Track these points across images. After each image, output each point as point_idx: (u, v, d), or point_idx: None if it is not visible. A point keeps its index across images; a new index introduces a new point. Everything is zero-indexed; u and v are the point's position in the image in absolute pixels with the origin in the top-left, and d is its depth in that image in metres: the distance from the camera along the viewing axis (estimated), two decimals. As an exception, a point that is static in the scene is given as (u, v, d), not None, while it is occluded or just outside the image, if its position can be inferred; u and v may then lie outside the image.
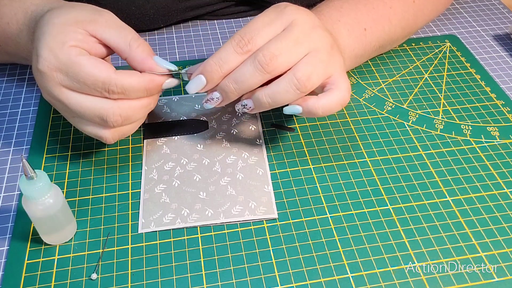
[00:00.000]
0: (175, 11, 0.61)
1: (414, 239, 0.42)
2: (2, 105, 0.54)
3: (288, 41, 0.41)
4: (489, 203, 0.44)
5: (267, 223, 0.43)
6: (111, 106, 0.41)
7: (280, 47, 0.41)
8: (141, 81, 0.41)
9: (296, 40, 0.42)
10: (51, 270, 0.40)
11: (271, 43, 0.41)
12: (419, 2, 0.56)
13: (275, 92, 0.42)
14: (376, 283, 0.39)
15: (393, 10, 0.54)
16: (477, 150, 0.49)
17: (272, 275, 0.39)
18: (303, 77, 0.41)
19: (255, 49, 0.42)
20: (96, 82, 0.40)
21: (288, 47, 0.41)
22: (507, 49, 0.61)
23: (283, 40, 0.41)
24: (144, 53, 0.42)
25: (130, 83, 0.41)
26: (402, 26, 0.56)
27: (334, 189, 0.45)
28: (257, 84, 0.42)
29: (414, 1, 0.55)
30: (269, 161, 0.48)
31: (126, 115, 0.42)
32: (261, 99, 0.42)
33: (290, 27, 0.42)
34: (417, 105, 0.54)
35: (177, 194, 0.45)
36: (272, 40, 0.41)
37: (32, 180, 0.37)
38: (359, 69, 0.58)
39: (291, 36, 0.42)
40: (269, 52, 0.41)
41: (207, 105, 0.44)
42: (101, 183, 0.46)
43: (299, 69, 0.41)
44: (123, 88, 0.40)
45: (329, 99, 0.43)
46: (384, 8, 0.53)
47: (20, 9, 0.47)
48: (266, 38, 0.42)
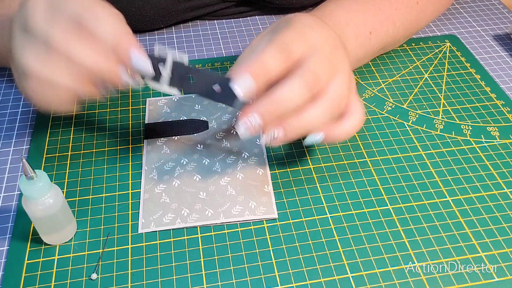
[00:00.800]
0: (175, 12, 0.61)
1: (414, 239, 0.42)
2: (2, 105, 0.54)
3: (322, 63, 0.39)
4: (489, 203, 0.44)
5: (267, 223, 0.43)
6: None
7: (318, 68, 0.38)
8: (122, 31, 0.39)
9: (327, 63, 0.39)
10: (51, 270, 0.40)
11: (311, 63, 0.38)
12: (422, 3, 0.56)
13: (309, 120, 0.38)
14: (376, 283, 0.39)
15: (397, 11, 0.54)
16: (477, 150, 0.49)
17: (272, 275, 0.39)
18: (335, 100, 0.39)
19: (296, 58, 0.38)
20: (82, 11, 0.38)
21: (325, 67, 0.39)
22: (507, 49, 0.61)
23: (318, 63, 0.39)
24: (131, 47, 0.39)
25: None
26: (405, 27, 0.56)
27: (334, 189, 0.45)
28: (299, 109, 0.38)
29: (418, 2, 0.55)
30: (269, 161, 0.48)
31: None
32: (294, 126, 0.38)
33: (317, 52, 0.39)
34: (417, 105, 0.54)
35: (177, 194, 0.45)
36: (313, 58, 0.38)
37: (32, 180, 0.37)
38: (359, 69, 0.58)
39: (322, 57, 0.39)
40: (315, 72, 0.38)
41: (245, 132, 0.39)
42: (101, 183, 0.46)
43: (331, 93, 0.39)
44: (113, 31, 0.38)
45: (351, 124, 0.41)
46: (390, 9, 0.53)
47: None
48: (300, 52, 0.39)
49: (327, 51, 0.40)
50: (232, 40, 0.63)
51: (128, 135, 0.50)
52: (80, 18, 0.38)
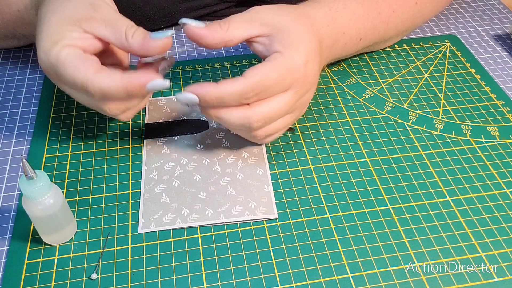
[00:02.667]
0: (175, 12, 0.61)
1: (414, 239, 0.42)
2: (2, 105, 0.54)
3: (284, 110, 0.43)
4: (489, 203, 0.44)
5: (267, 223, 0.43)
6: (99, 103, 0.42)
7: (274, 116, 0.43)
8: (118, 83, 0.40)
9: (288, 109, 0.44)
10: (51, 270, 0.40)
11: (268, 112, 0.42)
12: (420, 4, 0.56)
13: (227, 121, 0.43)
14: (376, 283, 0.39)
15: (395, 13, 0.54)
16: (477, 150, 0.49)
17: (272, 275, 0.39)
18: (261, 133, 0.44)
19: (255, 101, 0.42)
20: (75, 84, 0.40)
21: (280, 115, 0.44)
22: (507, 49, 0.61)
23: (280, 109, 0.43)
24: (140, 38, 0.41)
25: (108, 85, 0.40)
26: (398, 28, 0.56)
27: (334, 189, 0.45)
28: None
29: (417, 3, 0.55)
30: (269, 161, 0.48)
31: (115, 112, 0.43)
32: (211, 116, 0.43)
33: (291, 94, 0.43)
34: (417, 105, 0.54)
35: (177, 194, 0.45)
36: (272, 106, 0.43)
37: (32, 180, 0.37)
38: (359, 69, 0.58)
39: (287, 105, 0.43)
40: (266, 119, 0.43)
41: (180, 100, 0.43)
42: (101, 183, 0.46)
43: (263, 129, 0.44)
44: (100, 90, 0.40)
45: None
46: (388, 12, 0.53)
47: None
48: (269, 95, 0.43)
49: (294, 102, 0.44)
50: (232, 40, 0.63)
51: (128, 135, 0.50)
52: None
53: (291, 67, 0.42)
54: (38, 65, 0.59)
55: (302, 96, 0.44)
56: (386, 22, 0.53)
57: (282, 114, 0.44)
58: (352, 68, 0.58)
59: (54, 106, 0.53)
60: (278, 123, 0.44)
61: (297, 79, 0.43)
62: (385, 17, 0.53)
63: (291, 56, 0.42)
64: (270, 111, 0.43)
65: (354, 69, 0.58)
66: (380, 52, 0.60)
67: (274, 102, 0.43)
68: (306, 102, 0.46)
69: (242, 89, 0.41)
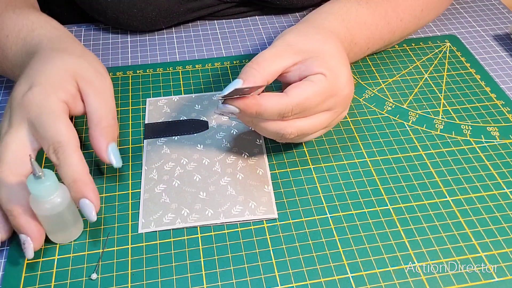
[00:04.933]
0: (176, 13, 0.61)
1: (414, 239, 0.42)
2: (2, 105, 0.54)
3: (318, 128, 0.44)
4: (489, 203, 0.44)
5: (267, 223, 0.43)
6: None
7: (309, 133, 0.44)
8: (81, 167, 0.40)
9: (325, 126, 0.45)
10: (51, 270, 0.40)
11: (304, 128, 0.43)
12: (426, 11, 0.56)
13: (261, 130, 0.43)
14: (376, 283, 0.39)
15: (402, 22, 0.54)
16: (477, 150, 0.49)
17: (272, 275, 0.39)
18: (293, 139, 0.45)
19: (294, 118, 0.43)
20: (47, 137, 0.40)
21: (314, 133, 0.45)
22: (507, 49, 0.61)
23: (315, 128, 0.44)
24: (103, 138, 0.42)
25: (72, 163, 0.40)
26: (402, 35, 0.57)
27: (334, 189, 0.45)
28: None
29: (422, 10, 0.56)
30: (269, 161, 0.48)
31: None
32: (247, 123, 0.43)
33: (332, 113, 0.44)
34: (417, 105, 0.54)
35: (177, 194, 0.45)
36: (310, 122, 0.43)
37: (40, 179, 0.37)
38: (359, 69, 0.58)
39: (323, 123, 0.44)
40: (300, 133, 0.43)
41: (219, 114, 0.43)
42: (101, 183, 0.46)
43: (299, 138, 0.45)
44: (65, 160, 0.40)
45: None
46: (396, 21, 0.54)
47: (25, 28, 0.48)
48: (309, 115, 0.43)
49: (332, 121, 0.45)
50: (232, 40, 0.63)
51: (128, 135, 0.50)
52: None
53: (335, 91, 0.43)
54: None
55: (340, 114, 0.45)
56: (393, 31, 0.54)
57: (318, 130, 0.45)
58: (352, 68, 0.58)
59: (54, 106, 0.53)
60: (311, 136, 0.46)
61: (338, 101, 0.44)
62: (393, 26, 0.54)
63: (334, 80, 0.43)
64: (306, 127, 0.43)
65: (354, 69, 0.58)
66: (380, 52, 0.60)
67: (312, 120, 0.43)
68: (341, 118, 0.47)
69: (283, 109, 0.41)
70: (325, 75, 0.42)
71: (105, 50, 0.61)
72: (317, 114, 0.43)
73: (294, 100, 0.41)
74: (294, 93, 0.41)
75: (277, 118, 0.42)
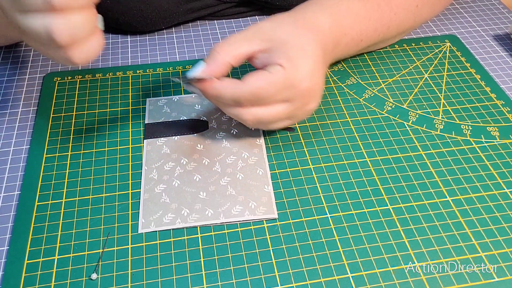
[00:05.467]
0: (176, 13, 0.61)
1: (414, 239, 0.42)
2: (2, 105, 0.54)
3: (277, 119, 0.44)
4: (489, 203, 0.44)
5: (267, 223, 0.43)
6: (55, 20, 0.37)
7: (267, 124, 0.45)
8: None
9: (285, 118, 0.45)
10: (51, 270, 0.40)
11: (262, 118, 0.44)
12: (421, 6, 0.56)
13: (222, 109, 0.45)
14: (376, 283, 0.39)
15: (396, 16, 0.54)
16: (477, 150, 0.49)
17: (272, 275, 0.39)
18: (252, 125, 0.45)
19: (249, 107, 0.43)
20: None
21: (273, 125, 0.45)
22: (507, 49, 0.61)
23: (273, 118, 0.44)
24: None
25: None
26: (398, 30, 0.56)
27: (334, 189, 0.45)
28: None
29: (417, 6, 0.55)
30: (269, 161, 0.48)
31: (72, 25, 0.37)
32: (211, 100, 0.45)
33: (289, 105, 0.44)
34: (417, 105, 0.54)
35: (177, 194, 0.45)
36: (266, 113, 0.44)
37: None
38: (359, 69, 0.58)
39: (282, 114, 0.44)
40: (256, 120, 0.44)
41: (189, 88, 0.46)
42: (101, 183, 0.46)
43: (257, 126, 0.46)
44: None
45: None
46: (390, 15, 0.53)
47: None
48: (264, 105, 0.43)
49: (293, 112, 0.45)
50: (232, 40, 0.63)
51: (128, 135, 0.50)
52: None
53: (291, 83, 0.43)
54: (38, 65, 0.59)
55: (302, 107, 0.45)
56: (387, 25, 0.54)
57: (276, 120, 0.45)
58: (352, 68, 0.58)
59: (54, 106, 0.53)
60: (274, 125, 0.46)
61: (296, 94, 0.43)
62: (387, 20, 0.53)
63: (292, 72, 0.42)
64: (262, 115, 0.44)
65: (354, 69, 0.58)
66: (380, 52, 0.60)
67: (268, 109, 0.43)
68: (308, 110, 0.46)
69: (237, 96, 0.42)
70: (283, 67, 0.42)
71: (105, 50, 0.61)
72: (273, 104, 0.43)
73: (248, 88, 0.42)
74: (249, 81, 0.42)
75: (233, 104, 0.43)
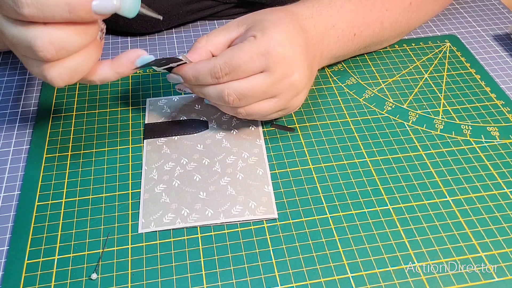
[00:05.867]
0: (176, 15, 0.61)
1: (414, 239, 0.42)
2: (2, 105, 0.54)
3: (256, 89, 0.44)
4: (489, 203, 0.44)
5: (267, 223, 0.43)
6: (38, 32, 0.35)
7: (246, 93, 0.44)
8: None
9: (266, 90, 0.44)
10: (51, 270, 0.40)
11: (240, 87, 0.43)
12: (415, 4, 0.56)
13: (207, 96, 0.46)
14: (376, 283, 0.39)
15: (388, 12, 0.54)
16: (477, 150, 0.49)
17: (272, 275, 0.39)
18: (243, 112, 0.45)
19: (228, 80, 0.44)
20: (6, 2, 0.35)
21: (254, 95, 0.44)
22: (507, 49, 0.61)
23: (252, 87, 0.43)
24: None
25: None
26: (393, 28, 0.56)
27: (334, 189, 0.45)
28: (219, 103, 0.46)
29: (411, 3, 0.55)
30: (269, 161, 0.48)
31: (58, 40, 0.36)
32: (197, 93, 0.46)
33: (266, 74, 0.44)
34: (417, 105, 0.54)
35: (177, 194, 0.45)
36: (244, 82, 0.43)
37: None
38: (359, 69, 0.58)
39: (262, 84, 0.44)
40: (234, 95, 0.44)
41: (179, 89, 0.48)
42: (101, 183, 0.46)
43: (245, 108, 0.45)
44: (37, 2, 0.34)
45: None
46: (381, 10, 0.53)
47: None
48: (242, 75, 0.43)
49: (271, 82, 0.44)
50: (232, 40, 0.63)
51: (128, 135, 0.50)
52: None
53: (263, 49, 0.43)
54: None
55: (282, 78, 0.44)
56: (380, 20, 0.53)
57: (258, 94, 0.44)
58: (352, 68, 0.58)
59: (54, 106, 0.53)
60: (260, 106, 0.45)
61: (271, 61, 0.43)
62: (379, 15, 0.53)
63: (263, 39, 0.43)
64: (242, 88, 0.43)
65: (354, 69, 0.58)
66: (380, 52, 0.60)
67: (247, 81, 0.44)
68: (293, 86, 0.45)
69: (212, 68, 0.43)
70: (255, 36, 0.44)
71: (105, 50, 0.61)
72: (251, 75, 0.43)
73: (221, 58, 0.43)
74: (223, 53, 0.43)
75: (211, 81, 0.44)
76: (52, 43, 0.36)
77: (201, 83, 0.44)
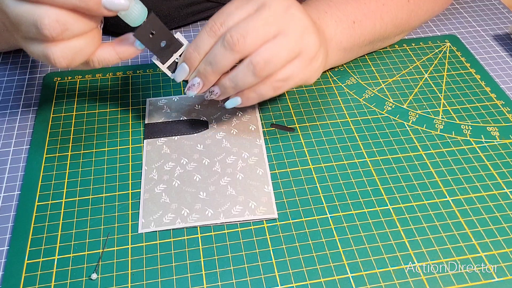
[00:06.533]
0: (176, 18, 0.61)
1: (414, 239, 0.42)
2: (2, 105, 0.54)
3: (256, 21, 0.42)
4: (489, 203, 0.44)
5: (267, 223, 0.43)
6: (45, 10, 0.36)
7: (247, 27, 0.41)
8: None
9: (265, 21, 0.42)
10: (51, 270, 0.40)
11: (240, 25, 0.42)
12: (413, 2, 0.56)
13: (236, 76, 0.43)
14: (376, 283, 0.39)
15: (386, 7, 0.54)
16: (477, 150, 0.49)
17: (272, 275, 0.39)
18: (260, 62, 0.42)
19: (224, 31, 0.42)
20: None
21: (255, 28, 0.41)
22: (507, 49, 0.61)
23: (250, 21, 0.41)
24: None
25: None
26: (394, 24, 0.55)
27: (334, 189, 0.45)
28: (230, 65, 0.42)
29: (409, 1, 0.55)
30: (269, 161, 0.48)
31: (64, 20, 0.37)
32: (224, 83, 0.44)
33: (261, 8, 0.42)
34: (417, 105, 0.54)
35: (177, 194, 0.45)
36: (242, 21, 0.42)
37: None
38: (359, 69, 0.58)
39: (260, 17, 0.42)
40: (237, 33, 0.41)
41: (190, 92, 0.45)
42: (101, 183, 0.46)
43: (258, 53, 0.42)
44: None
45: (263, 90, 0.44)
46: (377, 4, 0.53)
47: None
48: (238, 20, 0.42)
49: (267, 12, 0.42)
50: (232, 40, 0.63)
51: (128, 135, 0.50)
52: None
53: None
54: (38, 65, 0.59)
55: (282, 9, 0.43)
56: (379, 14, 0.53)
57: (262, 29, 0.42)
58: (352, 68, 0.58)
59: (54, 106, 0.53)
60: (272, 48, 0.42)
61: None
62: (374, 9, 0.53)
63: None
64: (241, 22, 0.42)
65: (354, 69, 0.58)
66: (380, 52, 0.60)
67: (247, 19, 0.42)
68: (295, 16, 0.43)
69: (208, 25, 0.43)
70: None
71: (105, 50, 0.61)
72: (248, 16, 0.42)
73: (216, 14, 0.43)
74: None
75: (210, 39, 0.42)
76: (58, 22, 0.36)
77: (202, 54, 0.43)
